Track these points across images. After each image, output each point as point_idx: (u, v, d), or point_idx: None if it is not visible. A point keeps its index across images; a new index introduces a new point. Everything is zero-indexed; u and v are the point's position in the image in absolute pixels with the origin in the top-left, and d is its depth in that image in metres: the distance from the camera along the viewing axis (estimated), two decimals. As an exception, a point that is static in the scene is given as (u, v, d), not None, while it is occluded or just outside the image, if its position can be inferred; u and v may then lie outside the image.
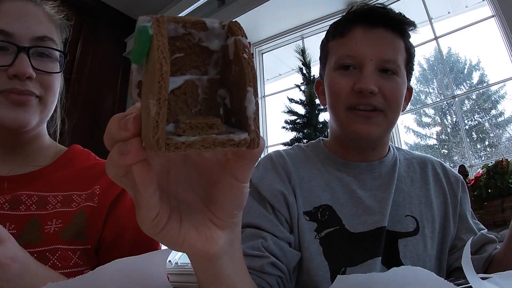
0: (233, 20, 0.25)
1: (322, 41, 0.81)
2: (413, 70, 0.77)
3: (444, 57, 2.35)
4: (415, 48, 0.77)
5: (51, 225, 0.58)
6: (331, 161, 0.76)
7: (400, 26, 0.72)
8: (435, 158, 0.82)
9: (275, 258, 0.62)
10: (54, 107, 0.67)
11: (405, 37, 0.73)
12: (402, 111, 0.74)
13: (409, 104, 0.79)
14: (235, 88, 0.24)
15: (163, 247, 0.35)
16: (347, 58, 0.70)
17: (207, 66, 0.25)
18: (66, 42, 0.71)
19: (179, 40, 0.24)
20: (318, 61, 0.84)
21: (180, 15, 2.80)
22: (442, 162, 0.82)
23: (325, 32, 0.80)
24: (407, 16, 0.74)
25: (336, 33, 0.75)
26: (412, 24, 0.74)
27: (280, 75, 3.08)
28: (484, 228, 0.75)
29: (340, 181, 0.73)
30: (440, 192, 0.76)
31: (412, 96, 0.79)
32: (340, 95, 0.70)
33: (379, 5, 0.75)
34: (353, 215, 0.69)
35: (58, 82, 0.66)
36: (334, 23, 0.78)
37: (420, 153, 0.85)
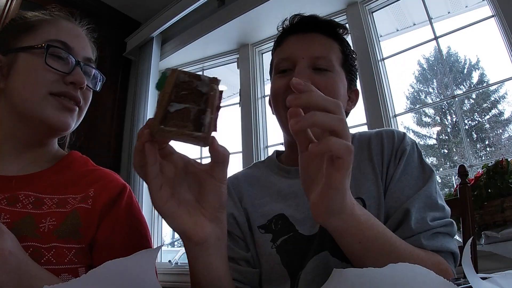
0: (215, 76, 0.42)
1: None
2: (355, 72, 0.79)
3: (444, 57, 2.34)
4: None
5: (45, 223, 0.60)
6: (282, 171, 0.80)
7: (330, 29, 0.77)
8: (395, 129, 0.75)
9: (238, 282, 0.66)
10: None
11: (339, 39, 0.78)
12: (346, 111, 0.74)
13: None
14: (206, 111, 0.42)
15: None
16: (283, 61, 0.75)
17: (199, 101, 0.41)
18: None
19: (186, 84, 0.41)
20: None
21: (180, 15, 2.81)
22: (397, 131, 0.74)
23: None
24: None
25: (276, 45, 0.82)
26: (343, 27, 0.79)
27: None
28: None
29: (290, 187, 0.74)
30: (380, 163, 0.71)
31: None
32: (278, 96, 0.73)
33: (308, 15, 0.80)
34: (305, 219, 0.70)
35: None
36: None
37: (381, 128, 0.78)
